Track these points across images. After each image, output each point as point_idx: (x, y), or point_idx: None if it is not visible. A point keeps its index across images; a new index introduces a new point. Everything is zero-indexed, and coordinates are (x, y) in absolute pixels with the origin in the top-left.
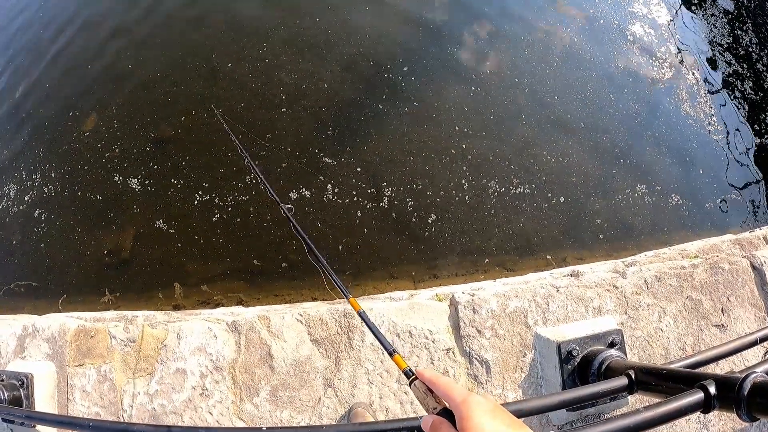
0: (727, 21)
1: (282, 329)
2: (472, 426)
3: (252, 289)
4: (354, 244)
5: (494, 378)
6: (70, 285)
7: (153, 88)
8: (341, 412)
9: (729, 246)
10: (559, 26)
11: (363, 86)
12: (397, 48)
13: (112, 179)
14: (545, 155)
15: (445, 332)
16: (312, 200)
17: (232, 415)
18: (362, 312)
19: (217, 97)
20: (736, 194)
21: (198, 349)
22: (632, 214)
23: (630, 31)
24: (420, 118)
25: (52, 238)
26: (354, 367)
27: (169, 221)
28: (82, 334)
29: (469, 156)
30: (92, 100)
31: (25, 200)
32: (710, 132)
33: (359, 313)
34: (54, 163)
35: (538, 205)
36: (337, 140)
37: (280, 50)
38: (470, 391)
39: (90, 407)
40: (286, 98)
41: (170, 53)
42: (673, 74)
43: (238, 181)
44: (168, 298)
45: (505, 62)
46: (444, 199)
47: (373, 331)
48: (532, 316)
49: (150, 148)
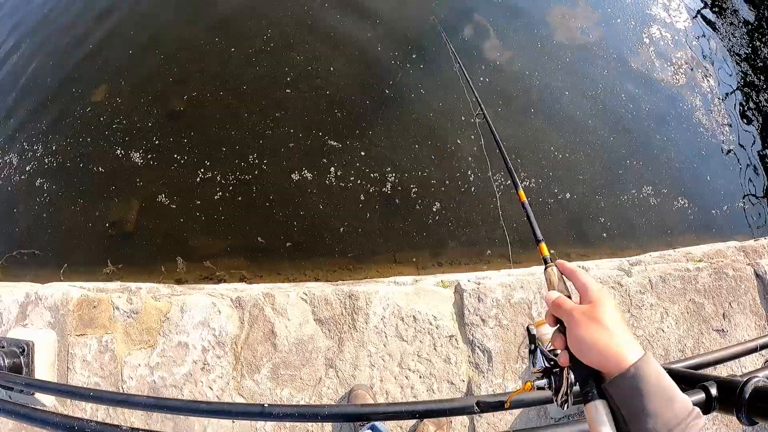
0: (747, 32)
1: (286, 307)
2: (602, 307)
3: (255, 267)
4: (356, 227)
5: (495, 367)
6: (72, 255)
7: (165, 62)
8: (342, 393)
9: (734, 252)
10: (574, 21)
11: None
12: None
13: (115, 152)
14: (553, 150)
15: (449, 319)
16: (314, 182)
17: (232, 391)
18: (525, 203)
19: (231, 74)
20: (744, 202)
21: (201, 324)
22: (637, 215)
23: (646, 32)
24: (426, 106)
25: (55, 208)
26: (357, 349)
27: (173, 196)
28: (84, 303)
29: (474, 147)
30: (102, 71)
31: (26, 170)
32: (721, 140)
33: (522, 204)
34: (58, 135)
35: (543, 200)
36: (343, 123)
37: (293, 31)
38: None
39: (90, 377)
40: (296, 79)
41: (187, 29)
42: (687, 80)
43: (243, 159)
44: (170, 272)
45: (517, 54)
46: (449, 188)
47: (530, 219)
48: (537, 308)
49: (158, 122)
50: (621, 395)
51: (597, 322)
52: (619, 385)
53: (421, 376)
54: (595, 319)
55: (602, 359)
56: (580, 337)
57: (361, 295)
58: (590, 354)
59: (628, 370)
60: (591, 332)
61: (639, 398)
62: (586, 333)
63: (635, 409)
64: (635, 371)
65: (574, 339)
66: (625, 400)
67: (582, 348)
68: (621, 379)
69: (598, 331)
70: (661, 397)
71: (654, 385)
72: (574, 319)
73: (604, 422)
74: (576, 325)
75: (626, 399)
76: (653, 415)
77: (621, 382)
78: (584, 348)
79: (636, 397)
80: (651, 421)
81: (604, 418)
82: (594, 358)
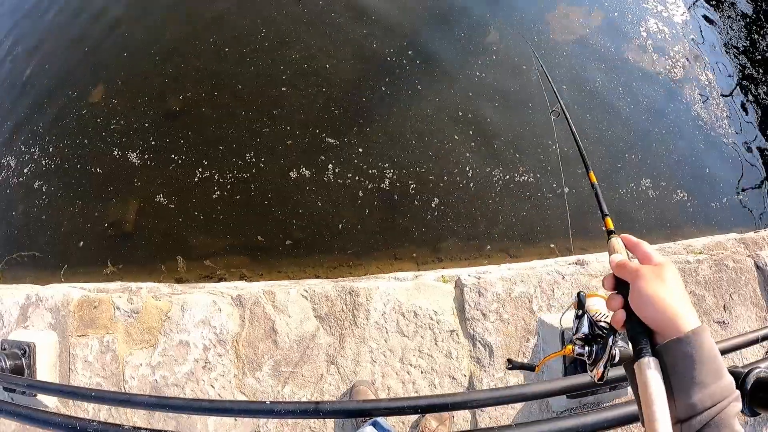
0: (745, 24)
1: (287, 304)
2: (668, 269)
3: (255, 265)
4: (356, 224)
5: (497, 362)
6: (72, 256)
7: (160, 62)
8: (343, 389)
9: (734, 244)
10: (572, 15)
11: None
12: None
13: (113, 153)
14: (550, 144)
15: (450, 314)
16: (313, 180)
17: (234, 389)
18: (594, 184)
19: (227, 73)
20: (743, 195)
21: (202, 322)
22: (636, 208)
23: (643, 26)
24: (424, 100)
25: (54, 209)
26: (358, 345)
27: (172, 195)
28: (85, 304)
29: (472, 143)
30: (98, 72)
31: (24, 172)
32: (720, 133)
33: (593, 185)
34: (55, 136)
35: (542, 195)
36: (340, 120)
37: (289, 28)
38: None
39: (91, 377)
40: (292, 76)
41: (181, 27)
42: (685, 73)
43: (241, 158)
44: (171, 271)
45: (513, 48)
46: (447, 183)
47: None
48: (537, 302)
49: (155, 122)
50: (673, 359)
51: (662, 281)
52: (673, 349)
53: (423, 371)
54: (661, 278)
55: (662, 318)
56: (644, 291)
57: (362, 291)
58: (650, 309)
59: (686, 335)
60: (656, 288)
61: (691, 366)
62: (650, 288)
63: (684, 377)
64: (693, 337)
65: (637, 293)
66: (676, 365)
67: (644, 302)
68: (677, 342)
69: (662, 289)
70: (711, 369)
71: (707, 356)
72: (640, 275)
73: (657, 377)
74: (642, 279)
75: (677, 364)
76: (701, 386)
77: (676, 346)
78: (647, 302)
79: (688, 363)
80: (698, 391)
81: (657, 374)
82: (653, 315)
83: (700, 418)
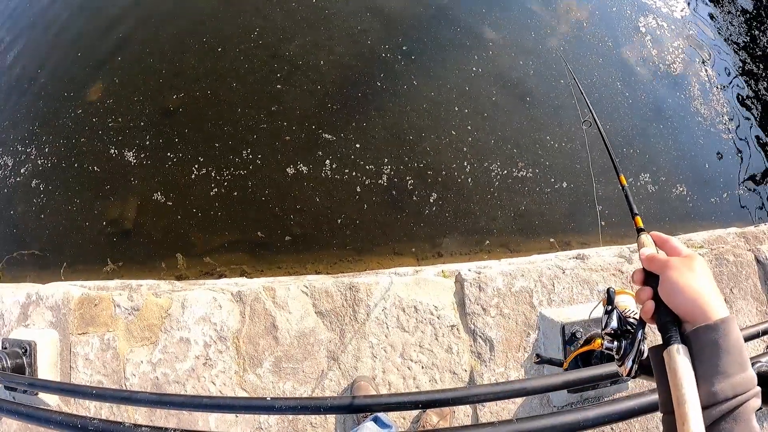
0: (745, 20)
1: (287, 300)
2: (697, 260)
3: (255, 262)
4: (354, 219)
5: (497, 356)
6: (72, 254)
7: (156, 60)
8: (344, 385)
9: (734, 238)
10: (569, 9)
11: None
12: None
13: (110, 151)
14: (548, 139)
15: (450, 309)
16: (312, 176)
17: (235, 386)
18: (624, 186)
19: (223, 69)
20: (743, 190)
21: (202, 319)
22: (635, 203)
23: (642, 21)
24: (421, 97)
25: (53, 208)
26: (358, 341)
27: (170, 193)
28: (86, 302)
29: (469, 138)
30: (96, 70)
31: (21, 172)
32: (720, 129)
33: (623, 187)
34: (53, 135)
35: (540, 190)
36: (336, 116)
37: (283, 23)
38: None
39: (92, 375)
40: (288, 72)
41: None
42: (684, 68)
43: (239, 155)
44: (171, 268)
45: (510, 43)
46: (446, 179)
47: (628, 197)
48: (538, 296)
49: (152, 120)
50: (700, 346)
51: (692, 270)
52: (701, 336)
53: (423, 366)
54: (691, 268)
55: (692, 307)
56: (674, 280)
57: (362, 287)
58: (680, 298)
59: (715, 323)
60: (686, 277)
61: (716, 354)
62: (680, 277)
63: (709, 365)
64: (721, 326)
65: (667, 283)
66: (702, 352)
67: (674, 290)
68: (705, 329)
69: (692, 278)
70: (736, 359)
71: (733, 346)
72: (670, 266)
73: (686, 363)
74: (672, 269)
75: (704, 352)
76: (724, 375)
77: (704, 333)
78: (677, 291)
79: (714, 352)
80: (721, 380)
81: (686, 360)
82: (683, 304)
83: (720, 408)
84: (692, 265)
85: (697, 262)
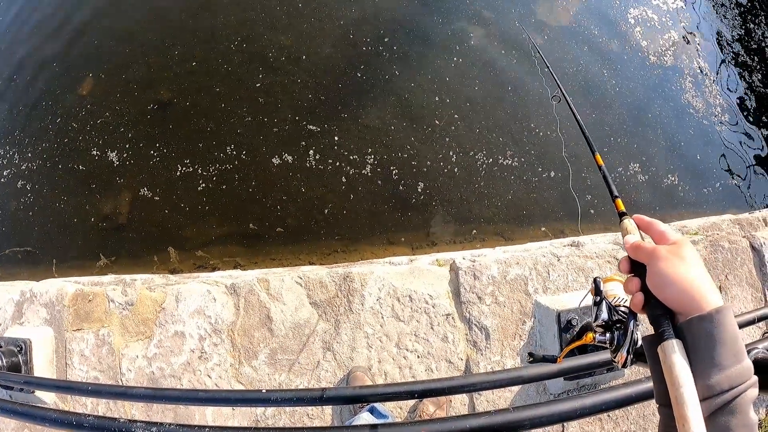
0: (739, 13)
1: (281, 292)
2: (686, 246)
3: (249, 254)
4: (350, 209)
5: (493, 345)
6: (65, 250)
7: (142, 54)
8: (340, 375)
9: (729, 225)
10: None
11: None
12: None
13: (102, 147)
14: (534, 128)
15: (445, 297)
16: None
17: (231, 378)
18: (602, 166)
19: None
20: (736, 180)
21: (197, 312)
22: (625, 192)
23: (634, 11)
24: (404, 87)
25: (44, 204)
26: (353, 331)
27: (162, 187)
28: (80, 298)
29: (452, 127)
30: (85, 65)
31: (15, 167)
32: (713, 120)
33: (600, 167)
34: (43, 132)
35: (528, 178)
36: (322, 107)
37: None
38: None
39: (88, 371)
40: (278, 62)
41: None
42: (677, 60)
43: (228, 148)
44: (164, 262)
45: (493, 33)
46: (435, 168)
47: (606, 178)
48: (533, 284)
49: (140, 115)
50: (694, 338)
51: (681, 259)
52: (695, 327)
53: (419, 355)
54: (680, 256)
55: (683, 297)
56: (663, 271)
57: (356, 277)
58: (671, 289)
59: (709, 313)
60: (675, 267)
61: (711, 345)
62: (669, 267)
63: (704, 357)
64: (716, 316)
65: (655, 274)
66: (697, 344)
67: (664, 282)
68: (699, 320)
69: (682, 267)
70: (731, 351)
71: (729, 336)
72: (657, 255)
73: (682, 360)
74: (659, 259)
75: (698, 344)
76: (720, 367)
77: (698, 324)
78: (666, 282)
79: (709, 343)
80: (716, 372)
81: (681, 357)
82: (674, 295)
83: (716, 401)
84: (681, 252)
85: (685, 248)
